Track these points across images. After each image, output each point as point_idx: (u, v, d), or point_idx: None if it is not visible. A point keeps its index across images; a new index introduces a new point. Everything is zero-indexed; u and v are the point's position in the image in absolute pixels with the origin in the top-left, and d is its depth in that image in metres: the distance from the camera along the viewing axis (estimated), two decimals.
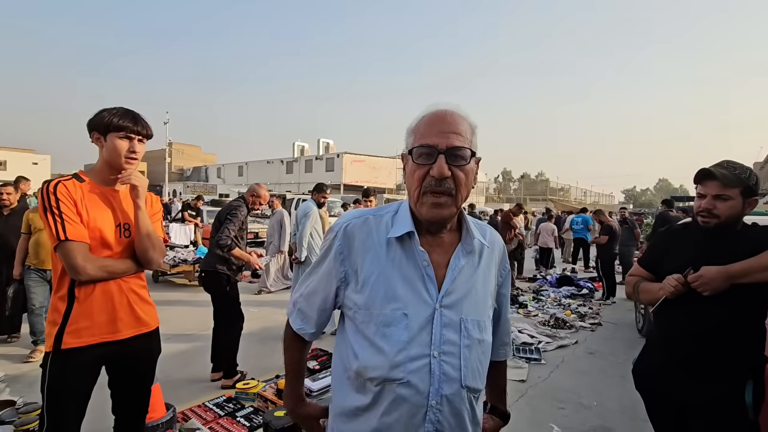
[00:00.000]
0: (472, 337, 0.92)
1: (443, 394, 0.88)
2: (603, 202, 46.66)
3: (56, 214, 1.46)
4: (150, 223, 1.65)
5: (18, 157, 36.19)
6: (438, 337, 0.89)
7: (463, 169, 0.89)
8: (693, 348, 1.53)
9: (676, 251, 1.65)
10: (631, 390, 3.26)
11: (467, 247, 0.96)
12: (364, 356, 0.91)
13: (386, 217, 0.97)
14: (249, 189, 3.72)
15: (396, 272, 0.92)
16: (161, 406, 2.57)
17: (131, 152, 1.59)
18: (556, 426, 2.93)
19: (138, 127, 1.61)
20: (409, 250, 0.93)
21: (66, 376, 1.51)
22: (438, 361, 0.89)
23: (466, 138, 0.90)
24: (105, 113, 1.58)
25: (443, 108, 0.92)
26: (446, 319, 0.90)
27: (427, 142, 0.88)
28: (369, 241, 0.94)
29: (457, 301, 0.92)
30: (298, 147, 41.94)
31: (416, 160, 0.89)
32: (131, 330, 1.62)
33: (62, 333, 1.50)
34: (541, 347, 4.50)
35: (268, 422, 2.26)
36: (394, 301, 0.90)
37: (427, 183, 0.88)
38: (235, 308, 3.53)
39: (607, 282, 7.13)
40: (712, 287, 1.46)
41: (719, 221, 1.51)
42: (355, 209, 3.84)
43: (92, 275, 1.50)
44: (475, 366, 0.93)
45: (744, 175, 1.50)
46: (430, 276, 0.92)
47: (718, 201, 1.50)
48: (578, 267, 10.75)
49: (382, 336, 0.89)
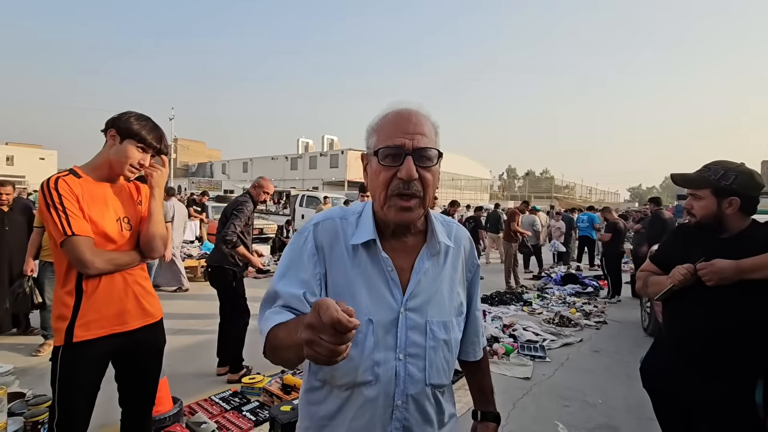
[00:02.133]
0: (438, 339, 0.93)
1: (408, 393, 0.90)
2: (608, 200, 46.40)
3: (60, 209, 1.46)
4: (161, 211, 1.70)
5: (25, 153, 36.48)
6: (403, 340, 0.90)
7: (430, 170, 0.87)
8: (702, 346, 1.52)
9: (686, 248, 1.66)
10: (636, 388, 3.25)
11: (432, 249, 0.95)
12: None
13: (351, 219, 0.95)
14: (253, 183, 3.72)
15: (360, 279, 0.90)
16: (168, 400, 2.59)
17: (140, 164, 1.63)
18: (561, 424, 2.92)
19: (160, 145, 1.66)
20: (373, 254, 0.91)
21: (77, 369, 1.53)
22: (403, 364, 0.90)
23: (431, 138, 0.88)
24: (133, 119, 1.60)
25: (406, 107, 0.90)
26: (411, 322, 0.91)
27: (394, 143, 0.85)
28: (337, 244, 0.92)
29: (422, 303, 0.92)
30: (303, 143, 42.01)
31: (382, 162, 0.86)
32: (138, 321, 1.65)
33: (73, 326, 1.52)
34: (545, 345, 4.49)
35: (274, 417, 2.27)
36: (359, 310, 0.87)
37: (394, 185, 0.86)
38: (241, 303, 3.54)
39: (612, 280, 7.10)
40: (719, 277, 1.46)
41: (696, 220, 1.59)
42: (324, 210, 3.84)
43: (101, 269, 1.51)
44: (440, 365, 0.94)
45: (714, 176, 1.53)
46: (395, 280, 0.91)
47: (694, 201, 1.60)
48: (583, 265, 10.71)
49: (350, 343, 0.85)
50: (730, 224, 1.55)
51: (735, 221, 1.54)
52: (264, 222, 12.21)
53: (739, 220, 1.54)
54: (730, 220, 1.54)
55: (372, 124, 0.92)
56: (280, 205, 17.94)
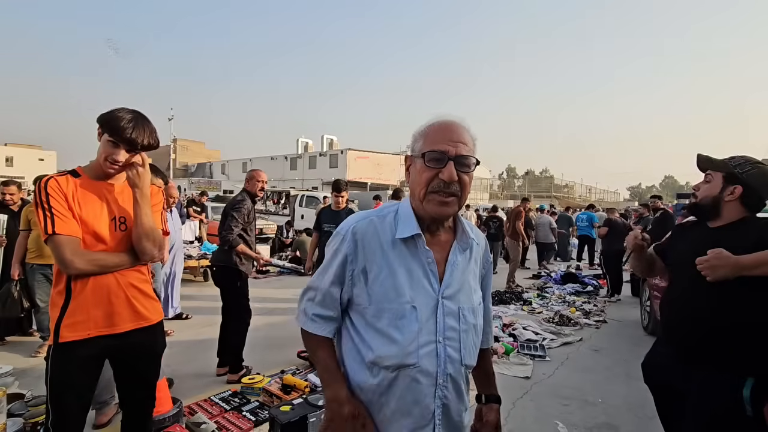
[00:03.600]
0: (468, 323, 1.06)
1: (448, 373, 1.02)
2: (608, 199, 46.38)
3: (46, 209, 1.47)
4: (149, 213, 1.63)
5: (25, 154, 36.46)
6: (442, 325, 1.01)
7: (468, 174, 1.01)
8: (687, 329, 1.54)
9: (684, 240, 1.71)
10: (636, 387, 3.25)
11: (463, 245, 1.08)
12: (378, 347, 1.00)
13: (389, 218, 1.06)
14: (246, 178, 3.63)
15: (402, 269, 1.01)
16: (168, 401, 2.59)
17: (113, 160, 1.56)
18: (561, 423, 2.92)
19: (132, 136, 1.55)
20: (413, 248, 1.03)
21: (66, 369, 1.53)
22: (443, 346, 1.01)
23: (470, 148, 1.01)
24: (115, 112, 1.58)
25: (451, 119, 1.03)
26: (447, 309, 1.03)
27: (439, 148, 0.98)
28: (375, 242, 1.03)
29: (455, 292, 1.05)
30: (302, 143, 41.96)
31: (428, 164, 0.99)
32: (129, 324, 1.61)
33: (59, 327, 1.52)
34: (545, 344, 4.49)
35: (274, 417, 2.27)
36: (403, 296, 1.00)
37: (434, 184, 0.99)
38: (243, 303, 3.54)
39: (611, 279, 7.10)
40: (716, 273, 1.45)
41: (695, 201, 1.63)
42: (358, 212, 3.82)
43: (81, 269, 1.49)
44: (470, 347, 1.07)
45: (732, 163, 1.56)
46: (434, 272, 1.03)
47: (702, 182, 1.64)
48: (583, 264, 10.72)
49: (395, 327, 0.99)
50: (725, 212, 1.56)
51: (730, 211, 1.55)
52: (264, 222, 12.21)
53: (734, 210, 1.55)
54: (726, 208, 1.56)
55: (419, 130, 1.05)
56: (280, 205, 17.94)
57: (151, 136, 1.62)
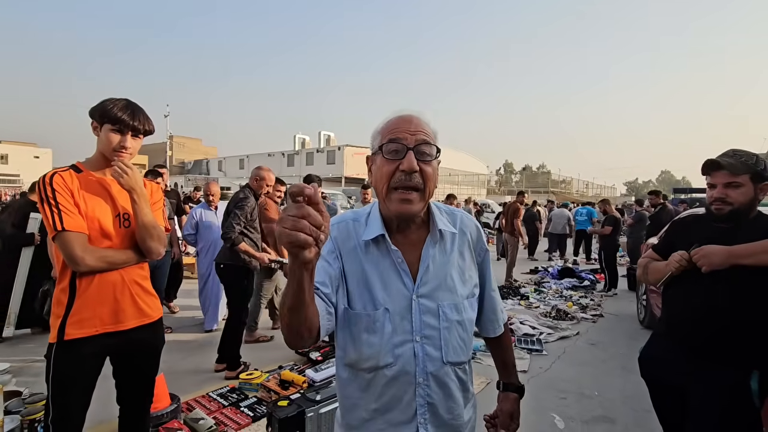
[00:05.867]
0: (450, 320, 1.01)
1: (428, 371, 0.99)
2: (605, 194, 46.43)
3: (53, 205, 1.45)
4: (149, 212, 1.63)
5: (20, 151, 36.18)
6: (418, 324, 0.98)
7: (430, 164, 0.95)
8: (691, 327, 1.54)
9: (687, 238, 1.67)
10: (632, 380, 3.27)
11: (434, 237, 1.02)
12: (354, 350, 0.99)
13: (362, 220, 1.03)
14: (252, 175, 3.60)
15: (374, 272, 0.99)
16: (166, 397, 2.60)
17: (122, 147, 1.56)
18: (558, 416, 2.94)
19: (135, 122, 1.56)
20: (383, 248, 1.00)
21: (70, 366, 1.53)
22: (420, 345, 0.98)
23: (430, 137, 0.97)
24: (107, 102, 1.56)
25: (408, 112, 0.99)
26: (424, 307, 0.99)
27: (397, 136, 0.93)
28: (350, 243, 1.01)
29: (433, 289, 1.00)
30: (299, 140, 41.79)
31: (386, 156, 0.94)
32: (134, 321, 1.62)
33: (64, 324, 1.51)
34: (542, 338, 4.51)
35: (272, 412, 2.28)
36: (376, 300, 0.98)
37: (396, 179, 0.93)
38: (244, 301, 3.54)
39: (609, 274, 7.13)
40: (710, 261, 1.48)
41: (733, 208, 1.53)
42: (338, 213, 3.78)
43: (91, 266, 1.49)
44: (455, 343, 1.02)
45: (751, 161, 1.53)
46: (405, 270, 0.99)
47: (729, 189, 1.54)
48: (580, 259, 10.76)
49: (369, 331, 0.97)
50: (753, 212, 1.56)
51: (755, 208, 1.56)
52: None
53: (755, 207, 1.56)
54: (755, 207, 1.56)
55: (377, 127, 1.00)
56: None
57: (148, 121, 1.64)
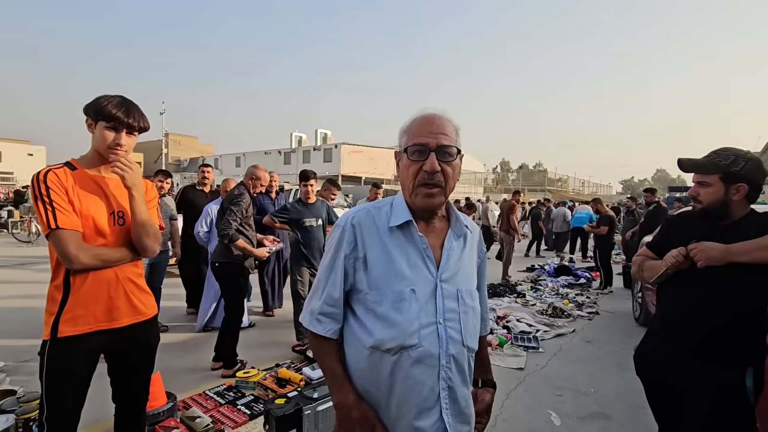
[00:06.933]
0: (467, 305, 1.09)
1: (450, 354, 1.04)
2: (601, 192, 46.71)
3: (47, 202, 1.44)
4: (145, 210, 1.61)
5: (13, 149, 35.83)
6: (441, 307, 1.04)
7: (450, 164, 1.04)
8: (686, 325, 1.55)
9: (684, 235, 1.67)
10: (627, 377, 3.29)
11: (458, 231, 1.12)
12: (378, 331, 1.02)
13: (384, 209, 1.11)
14: (247, 173, 3.59)
15: (400, 255, 1.05)
16: (162, 395, 2.59)
17: (116, 144, 1.54)
18: (554, 412, 2.96)
19: (129, 119, 1.55)
20: (408, 235, 1.07)
21: (63, 364, 1.51)
22: (444, 327, 1.04)
23: (452, 138, 1.05)
24: (102, 100, 1.55)
25: (432, 112, 1.07)
26: (446, 292, 1.06)
27: (420, 141, 1.02)
28: (373, 229, 1.07)
29: (453, 275, 1.08)
30: (296, 137, 41.67)
31: (411, 157, 1.04)
32: (129, 318, 1.62)
33: (58, 321, 1.50)
34: (539, 336, 4.53)
35: (269, 410, 2.27)
36: (402, 280, 1.03)
37: (420, 177, 1.03)
38: (240, 299, 3.53)
39: (604, 272, 7.16)
40: (708, 255, 1.49)
41: (703, 206, 1.58)
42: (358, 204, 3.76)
43: (85, 263, 1.48)
44: (471, 328, 1.10)
45: (724, 162, 1.53)
46: (430, 256, 1.06)
47: (700, 188, 1.59)
48: (576, 257, 10.80)
49: (395, 310, 1.02)
50: (734, 211, 1.56)
51: (738, 208, 1.56)
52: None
53: (741, 207, 1.56)
54: (735, 207, 1.55)
55: (403, 126, 1.09)
56: None
57: (143, 118, 1.62)
